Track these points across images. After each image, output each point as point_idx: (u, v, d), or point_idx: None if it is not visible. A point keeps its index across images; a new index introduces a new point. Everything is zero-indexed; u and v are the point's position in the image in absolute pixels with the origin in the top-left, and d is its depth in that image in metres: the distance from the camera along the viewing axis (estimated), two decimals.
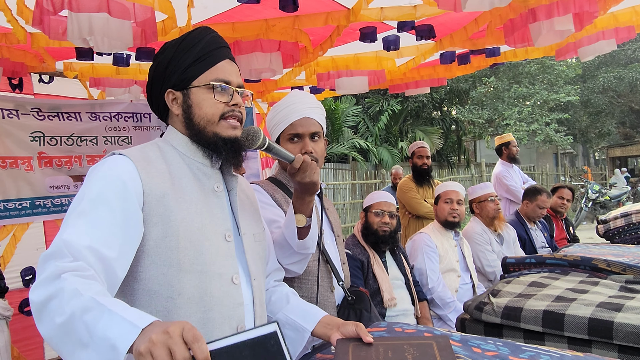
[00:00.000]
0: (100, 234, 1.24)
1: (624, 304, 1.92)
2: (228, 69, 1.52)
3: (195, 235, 1.40)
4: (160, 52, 1.56)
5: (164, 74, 1.52)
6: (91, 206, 1.27)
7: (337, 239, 2.30)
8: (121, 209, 1.30)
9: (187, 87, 1.49)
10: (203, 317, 1.39)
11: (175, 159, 1.49)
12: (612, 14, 3.45)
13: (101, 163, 1.39)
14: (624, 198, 16.02)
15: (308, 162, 1.63)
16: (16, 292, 3.83)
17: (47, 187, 3.99)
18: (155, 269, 1.35)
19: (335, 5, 2.97)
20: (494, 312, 2.11)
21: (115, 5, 2.28)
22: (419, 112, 21.39)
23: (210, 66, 1.49)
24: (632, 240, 4.23)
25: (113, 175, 1.33)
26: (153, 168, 1.42)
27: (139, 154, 1.43)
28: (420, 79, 4.81)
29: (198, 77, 1.48)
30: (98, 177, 1.34)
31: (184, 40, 1.52)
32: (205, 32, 1.54)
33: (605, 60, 22.72)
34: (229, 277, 1.46)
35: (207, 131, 1.48)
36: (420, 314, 3.36)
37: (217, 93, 1.47)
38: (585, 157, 35.98)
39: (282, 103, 2.14)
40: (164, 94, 1.53)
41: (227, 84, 1.49)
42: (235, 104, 1.50)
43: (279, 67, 3.29)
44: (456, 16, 3.31)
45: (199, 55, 1.49)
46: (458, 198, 3.86)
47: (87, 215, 1.25)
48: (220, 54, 1.52)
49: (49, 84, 4.10)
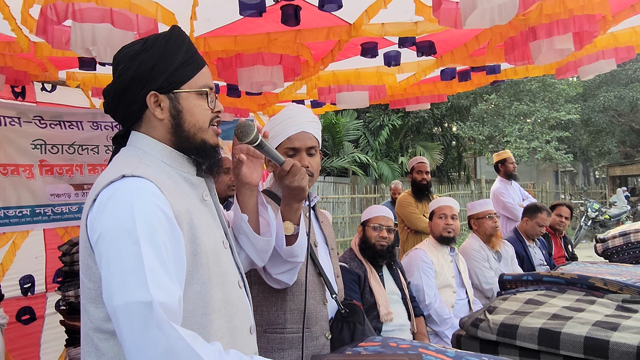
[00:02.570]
0: (173, 279, 1.20)
1: (620, 323, 1.92)
2: (208, 74, 1.49)
3: (213, 247, 1.40)
4: (144, 50, 1.39)
5: (150, 73, 1.37)
6: (153, 249, 1.17)
7: (331, 252, 2.30)
8: (173, 242, 1.25)
9: (175, 91, 1.40)
10: (229, 326, 1.40)
11: (170, 171, 1.40)
12: (612, 33, 3.48)
13: (126, 193, 1.23)
14: (624, 217, 16.02)
15: (298, 167, 1.63)
16: (13, 300, 3.83)
17: (47, 195, 3.99)
18: (189, 289, 1.30)
19: (336, 20, 2.99)
20: (489, 328, 2.11)
21: (119, 16, 2.30)
22: (419, 127, 21.43)
23: (197, 70, 1.44)
24: (630, 260, 4.23)
25: (153, 207, 1.22)
26: (167, 185, 1.33)
27: (149, 171, 1.32)
28: (421, 94, 4.82)
29: (188, 82, 1.41)
30: (137, 212, 1.19)
31: (169, 40, 1.42)
32: (184, 34, 1.48)
33: (606, 79, 22.81)
34: (237, 283, 1.48)
35: (197, 138, 1.43)
36: (416, 330, 3.35)
37: (210, 100, 1.45)
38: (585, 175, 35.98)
39: (280, 116, 2.14)
40: (144, 97, 1.38)
41: (211, 89, 1.47)
42: (218, 111, 1.49)
43: (280, 80, 3.31)
44: (457, 33, 3.33)
45: (185, 57, 1.41)
46: (452, 213, 3.86)
47: (158, 262, 1.17)
48: (200, 57, 1.48)
49: (51, 92, 4.12)
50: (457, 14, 2.44)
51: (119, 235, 1.17)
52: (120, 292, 1.13)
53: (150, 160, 1.37)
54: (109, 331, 1.26)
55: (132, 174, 1.26)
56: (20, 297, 3.89)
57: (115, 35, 2.38)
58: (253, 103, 4.83)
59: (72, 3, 2.23)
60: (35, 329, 3.97)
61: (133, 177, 1.26)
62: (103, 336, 1.27)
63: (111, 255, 1.17)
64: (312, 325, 2.01)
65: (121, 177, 1.25)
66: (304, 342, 1.89)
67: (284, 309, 1.99)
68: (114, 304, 1.13)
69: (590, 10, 2.76)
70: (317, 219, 2.32)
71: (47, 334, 4.01)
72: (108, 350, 1.27)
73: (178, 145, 1.43)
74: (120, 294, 1.12)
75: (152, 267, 1.15)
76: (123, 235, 1.17)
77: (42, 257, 4.03)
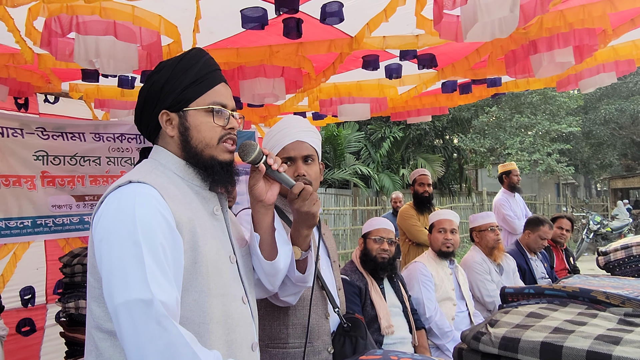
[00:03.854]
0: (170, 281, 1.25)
1: (622, 337, 1.91)
2: (224, 93, 1.52)
3: (215, 258, 1.42)
4: (156, 72, 1.51)
5: (160, 94, 1.48)
6: (152, 250, 1.23)
7: (333, 264, 2.29)
8: (171, 246, 1.29)
9: (184, 109, 1.46)
10: (227, 339, 1.41)
11: (180, 182, 1.46)
12: (612, 47, 3.50)
13: (130, 196, 1.30)
14: (626, 230, 15.96)
15: (309, 191, 1.61)
16: (14, 312, 3.82)
17: (49, 206, 4.00)
18: (187, 296, 1.33)
19: (338, 33, 3.01)
20: (491, 342, 2.09)
21: (122, 28, 2.32)
22: (421, 139, 21.46)
23: (208, 89, 1.48)
24: (632, 273, 4.21)
25: (153, 211, 1.28)
26: (172, 193, 1.38)
27: (157, 180, 1.38)
28: (422, 107, 4.84)
29: (196, 100, 1.47)
30: (138, 215, 1.25)
31: (181, 61, 1.49)
32: (201, 54, 1.53)
33: (607, 92, 22.85)
34: (240, 298, 1.49)
35: (205, 154, 1.47)
36: (417, 343, 3.33)
37: (217, 117, 1.47)
38: (587, 188, 35.94)
39: (275, 128, 2.15)
40: (157, 115, 1.48)
41: (224, 107, 1.49)
42: (231, 128, 1.50)
43: (281, 92, 3.33)
44: (458, 46, 3.35)
45: (196, 77, 1.47)
46: (452, 227, 3.84)
47: (156, 263, 1.22)
48: (216, 76, 1.52)
49: (54, 104, 4.15)
50: (458, 27, 2.46)
51: (119, 235, 1.23)
52: (121, 291, 1.18)
53: (162, 171, 1.45)
54: (107, 331, 1.30)
55: (139, 181, 1.33)
56: (21, 308, 3.88)
57: (118, 47, 2.40)
58: (255, 115, 4.85)
59: (76, 16, 2.25)
60: (35, 341, 3.95)
61: (139, 183, 1.32)
62: (102, 335, 1.32)
63: (113, 255, 1.23)
64: (315, 340, 2.01)
65: (128, 183, 1.33)
66: (306, 356, 1.88)
67: (286, 323, 1.99)
68: (115, 302, 1.18)
69: (590, 24, 2.78)
70: (319, 230, 2.32)
71: (47, 346, 3.99)
72: (105, 350, 1.31)
73: (190, 161, 1.49)
74: (121, 292, 1.18)
75: (152, 267, 1.20)
76: (124, 236, 1.23)
77: (42, 268, 4.02)
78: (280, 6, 2.33)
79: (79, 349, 3.10)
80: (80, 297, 3.09)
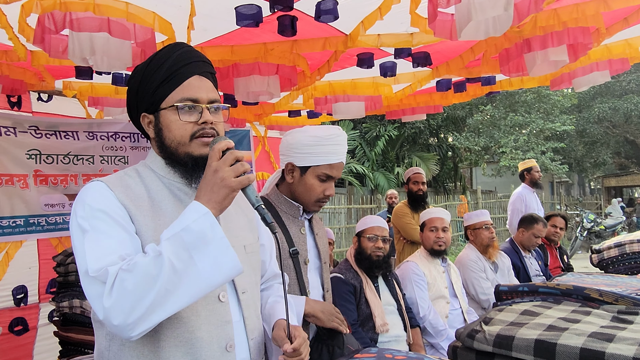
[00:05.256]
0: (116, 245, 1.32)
1: (615, 335, 1.91)
2: (196, 85, 1.47)
3: None
4: (131, 77, 1.54)
5: (136, 98, 1.51)
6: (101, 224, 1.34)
7: (324, 265, 2.29)
8: (120, 219, 1.37)
9: (157, 110, 1.47)
10: (191, 337, 1.39)
11: (154, 182, 1.49)
12: (605, 46, 3.51)
13: (82, 191, 1.42)
14: (619, 228, 16.06)
15: None
16: (6, 311, 3.80)
17: (42, 205, 3.98)
18: None
19: (333, 31, 3.01)
20: (485, 340, 2.10)
21: (116, 25, 2.31)
22: (415, 138, 21.48)
23: (176, 85, 1.46)
24: (625, 271, 4.23)
25: (94, 194, 1.39)
26: (132, 193, 1.43)
27: (117, 180, 1.45)
28: (417, 105, 4.85)
29: (166, 99, 1.46)
30: (86, 200, 1.37)
31: (150, 62, 1.49)
32: (173, 50, 1.51)
33: (601, 91, 22.94)
34: (215, 296, 1.45)
35: (179, 152, 1.46)
36: (412, 341, 3.34)
37: (183, 114, 1.44)
38: (580, 186, 36.09)
39: (327, 138, 2.11)
40: (139, 119, 1.52)
41: (194, 101, 1.45)
42: (204, 122, 1.45)
43: (276, 90, 3.32)
44: (452, 44, 3.36)
45: (165, 75, 1.46)
46: (443, 225, 3.84)
47: (100, 235, 1.32)
48: (188, 70, 1.48)
49: (47, 102, 4.12)
50: (453, 25, 2.46)
51: (71, 224, 1.39)
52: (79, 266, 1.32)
53: (139, 171, 1.53)
54: (96, 319, 1.46)
55: (98, 180, 1.44)
56: (13, 307, 3.86)
57: (112, 44, 2.39)
58: (249, 113, 4.84)
59: (69, 12, 2.24)
60: (28, 340, 3.93)
61: (93, 181, 1.44)
62: (95, 324, 1.49)
63: (72, 239, 1.38)
64: None
65: (90, 181, 1.46)
66: None
67: None
68: None
69: (584, 23, 2.79)
70: (312, 230, 2.31)
71: (40, 345, 3.97)
72: (99, 335, 1.47)
73: (168, 159, 1.51)
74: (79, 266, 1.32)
75: (89, 244, 1.31)
76: (73, 223, 1.37)
77: (35, 267, 4.00)
78: (274, 4, 2.32)
79: (73, 348, 3.09)
80: (74, 297, 3.08)
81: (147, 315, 1.22)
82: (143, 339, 1.35)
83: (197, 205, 1.28)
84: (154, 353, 1.38)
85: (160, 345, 1.37)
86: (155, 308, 1.22)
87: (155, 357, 1.38)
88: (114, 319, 1.21)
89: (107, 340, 1.44)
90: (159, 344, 1.37)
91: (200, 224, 1.25)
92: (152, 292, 1.20)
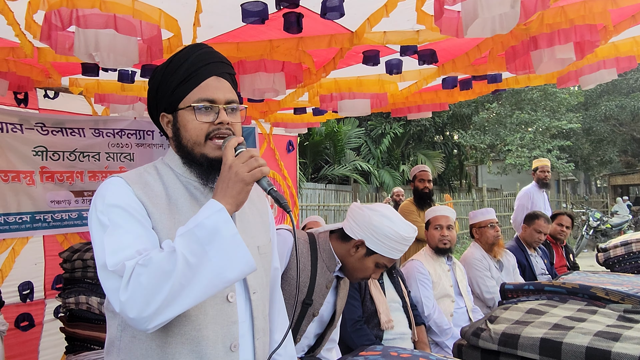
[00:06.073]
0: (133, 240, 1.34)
1: (622, 334, 1.91)
2: (213, 86, 1.49)
3: None
4: (151, 77, 1.58)
5: (156, 98, 1.56)
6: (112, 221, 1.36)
7: (334, 322, 2.44)
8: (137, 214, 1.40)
9: (176, 110, 1.50)
10: (197, 335, 1.41)
11: (172, 180, 1.52)
12: (613, 43, 3.48)
13: (101, 187, 1.45)
14: (626, 226, 16.00)
15: None
16: (13, 307, 3.81)
17: (48, 201, 3.99)
18: None
19: (339, 28, 3.00)
20: (491, 338, 2.10)
21: (122, 22, 2.31)
22: (421, 135, 21.47)
23: (194, 86, 1.48)
24: (632, 269, 4.22)
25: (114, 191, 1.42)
26: (150, 190, 1.45)
27: (136, 177, 1.48)
28: (423, 103, 4.83)
29: (184, 99, 1.48)
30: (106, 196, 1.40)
31: (170, 63, 1.53)
32: (193, 50, 1.53)
33: (607, 88, 22.84)
34: (224, 296, 1.47)
35: (195, 152, 1.49)
36: (417, 338, 3.33)
37: (199, 114, 1.46)
38: (587, 184, 35.94)
39: (407, 239, 2.20)
40: (159, 118, 1.56)
41: (211, 102, 1.47)
42: (220, 122, 1.47)
43: (282, 87, 3.32)
44: (458, 42, 3.34)
45: (184, 75, 1.48)
46: (448, 223, 3.83)
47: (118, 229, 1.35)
48: (207, 71, 1.50)
49: (54, 99, 4.13)
50: (459, 23, 2.45)
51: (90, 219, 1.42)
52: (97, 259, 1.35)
53: (157, 168, 1.55)
54: (110, 309, 1.50)
55: (117, 176, 1.47)
56: (19, 303, 3.88)
57: (118, 41, 2.39)
58: (255, 110, 4.84)
59: (76, 9, 2.24)
60: (34, 336, 3.95)
61: (112, 177, 1.47)
62: (108, 314, 1.53)
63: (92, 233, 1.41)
64: None
65: (110, 177, 1.48)
66: None
67: None
68: None
69: (591, 20, 2.77)
70: (337, 289, 2.41)
71: (46, 341, 3.99)
72: (111, 325, 1.51)
73: (185, 159, 1.53)
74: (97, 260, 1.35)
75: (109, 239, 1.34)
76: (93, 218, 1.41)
77: (41, 263, 4.01)
78: (280, 1, 2.32)
79: (79, 344, 3.10)
80: (80, 293, 3.09)
81: (162, 309, 1.24)
82: (152, 333, 1.39)
83: (212, 202, 1.30)
84: (161, 348, 1.41)
85: (168, 340, 1.40)
86: (170, 302, 1.24)
87: (162, 352, 1.41)
88: (129, 312, 1.24)
89: (118, 330, 1.47)
90: (167, 339, 1.40)
91: (214, 219, 1.27)
92: (166, 287, 1.22)
